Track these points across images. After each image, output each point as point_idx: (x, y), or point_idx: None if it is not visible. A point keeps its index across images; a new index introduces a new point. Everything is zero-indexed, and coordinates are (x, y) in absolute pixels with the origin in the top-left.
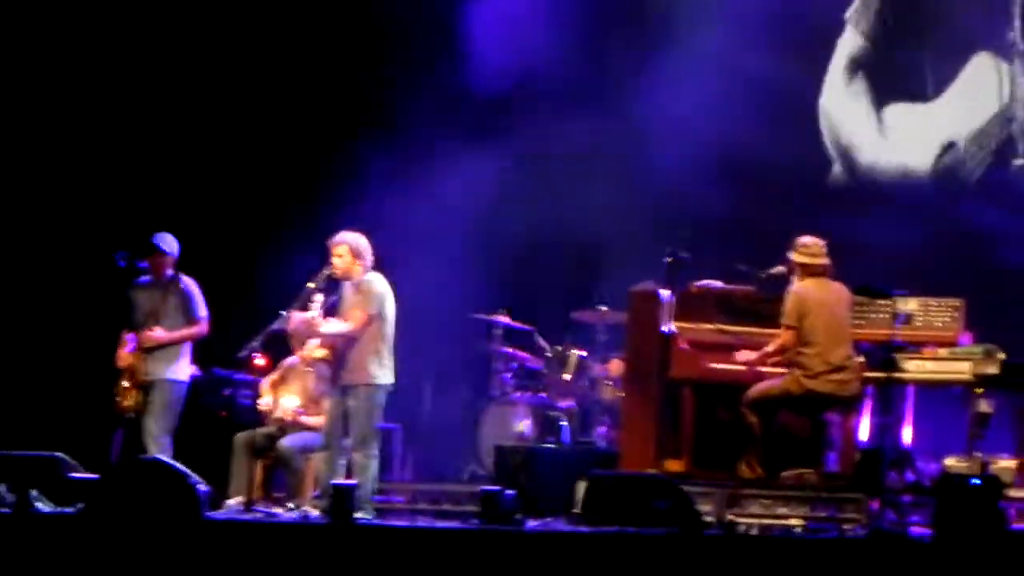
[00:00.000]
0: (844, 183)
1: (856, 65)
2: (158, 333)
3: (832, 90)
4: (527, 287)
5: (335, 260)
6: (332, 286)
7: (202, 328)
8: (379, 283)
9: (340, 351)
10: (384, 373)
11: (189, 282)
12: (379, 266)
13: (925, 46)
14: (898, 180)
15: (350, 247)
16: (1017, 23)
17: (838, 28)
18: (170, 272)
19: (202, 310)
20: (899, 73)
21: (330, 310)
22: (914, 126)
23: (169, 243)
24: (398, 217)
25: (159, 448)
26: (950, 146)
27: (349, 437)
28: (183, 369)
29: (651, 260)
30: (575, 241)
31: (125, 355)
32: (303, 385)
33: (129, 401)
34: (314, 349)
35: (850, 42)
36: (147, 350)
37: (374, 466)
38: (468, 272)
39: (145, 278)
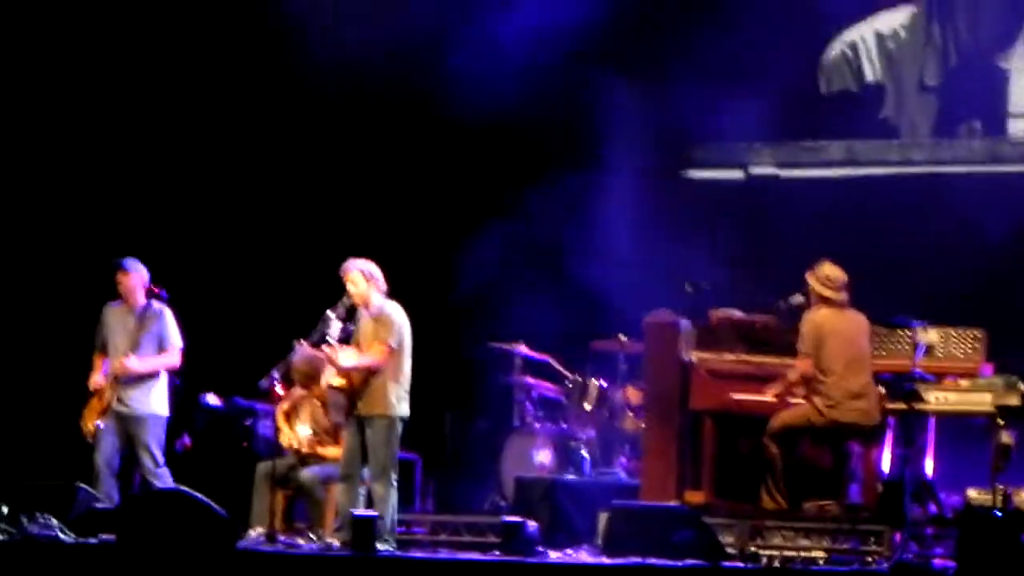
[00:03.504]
0: None
1: None
2: (132, 363)
3: None
4: (548, 315)
5: (350, 287)
6: (351, 315)
7: (174, 357)
8: (398, 313)
9: (358, 381)
10: (401, 405)
11: (164, 310)
12: (392, 295)
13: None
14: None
15: (362, 272)
16: None
17: None
18: (143, 299)
19: (176, 339)
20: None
21: (345, 339)
22: None
23: (133, 264)
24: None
25: (163, 480)
26: None
27: (367, 468)
28: (163, 402)
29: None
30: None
31: (97, 380)
32: (313, 415)
33: (90, 425)
34: (332, 377)
35: None
36: (123, 379)
37: (394, 496)
38: (488, 301)
39: (117, 302)
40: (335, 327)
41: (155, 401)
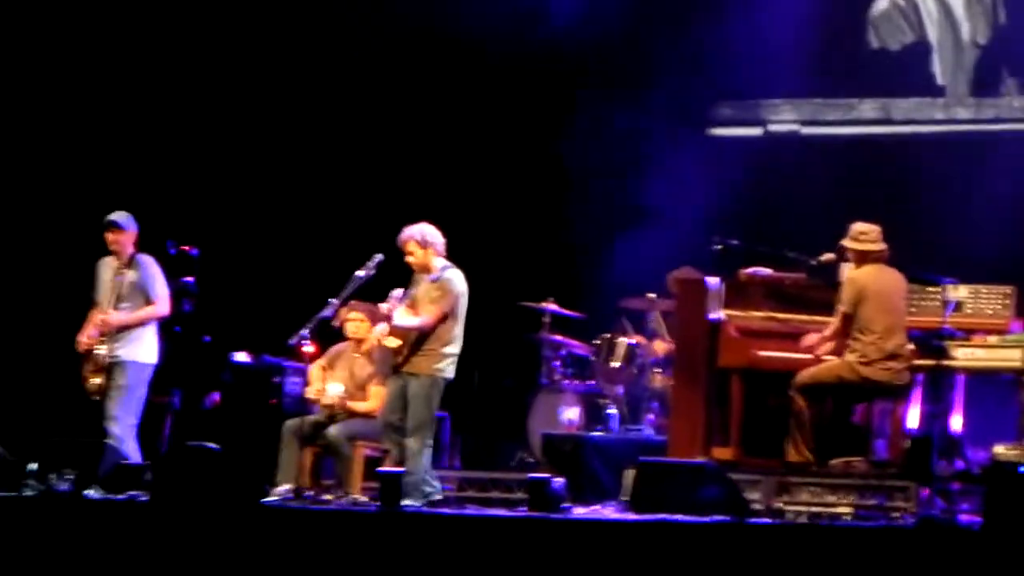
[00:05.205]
0: None
1: None
2: (114, 317)
3: None
4: (576, 273)
5: (408, 259)
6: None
7: (161, 308)
8: (459, 282)
9: (410, 341)
10: (448, 368)
11: (148, 261)
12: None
13: None
14: None
15: (416, 240)
16: None
17: None
18: (130, 251)
19: (161, 289)
20: None
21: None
22: None
23: (127, 220)
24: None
25: (121, 431)
26: None
27: (404, 422)
28: (148, 351)
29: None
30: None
31: (84, 340)
32: (350, 371)
33: (91, 386)
34: (385, 337)
35: None
36: (109, 333)
37: (427, 455)
38: (517, 259)
39: (109, 257)
40: (396, 292)
41: (140, 349)
